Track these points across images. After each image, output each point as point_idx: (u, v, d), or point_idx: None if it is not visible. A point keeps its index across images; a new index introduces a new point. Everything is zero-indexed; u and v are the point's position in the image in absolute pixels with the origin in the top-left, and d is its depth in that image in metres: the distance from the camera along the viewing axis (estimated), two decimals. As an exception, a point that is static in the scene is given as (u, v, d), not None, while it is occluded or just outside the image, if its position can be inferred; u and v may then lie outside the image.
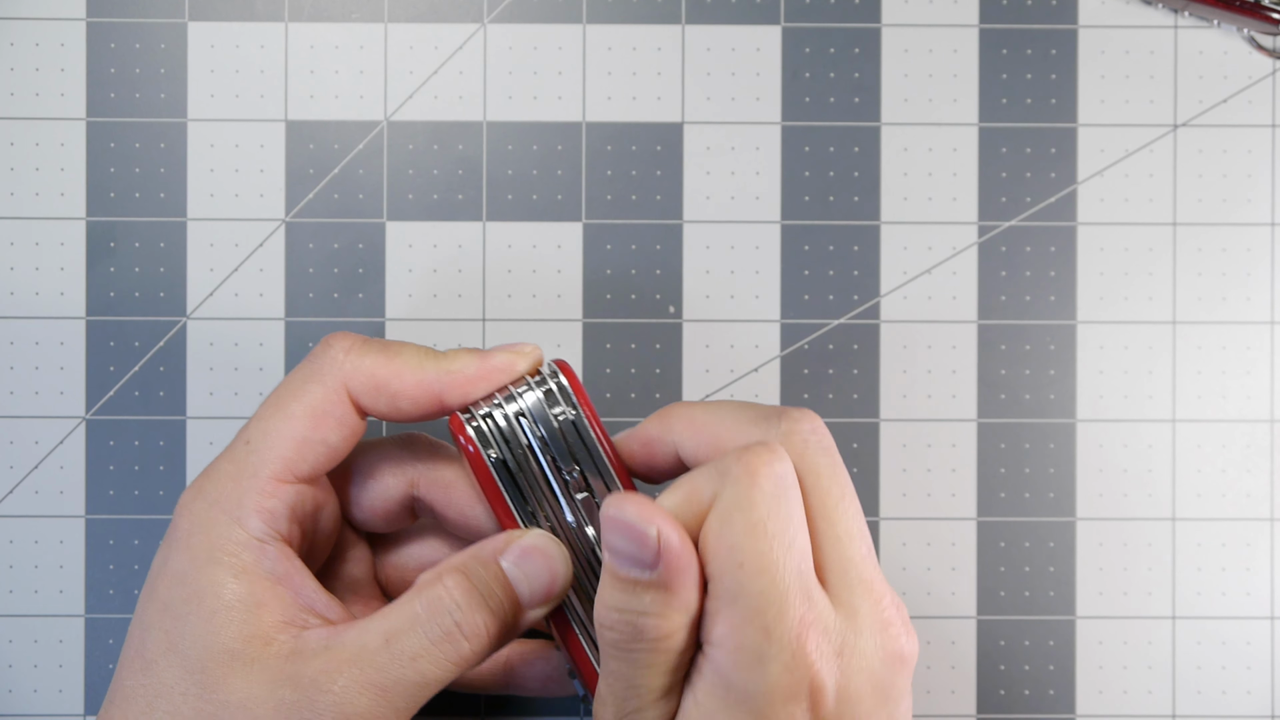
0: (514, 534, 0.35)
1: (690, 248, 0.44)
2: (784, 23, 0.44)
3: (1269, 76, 0.45)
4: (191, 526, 0.35)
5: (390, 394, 0.35)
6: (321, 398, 0.35)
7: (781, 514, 0.32)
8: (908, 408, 0.44)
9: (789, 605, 0.31)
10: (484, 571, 0.34)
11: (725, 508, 0.32)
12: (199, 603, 0.34)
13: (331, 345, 0.36)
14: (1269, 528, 0.44)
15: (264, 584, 0.34)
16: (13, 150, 0.44)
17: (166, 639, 0.34)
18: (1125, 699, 0.44)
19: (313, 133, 0.44)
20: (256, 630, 0.34)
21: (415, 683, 0.33)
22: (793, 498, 0.32)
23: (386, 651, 0.33)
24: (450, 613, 0.33)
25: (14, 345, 0.44)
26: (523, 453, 0.35)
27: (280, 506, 0.35)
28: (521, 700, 0.44)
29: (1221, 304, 0.44)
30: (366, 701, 0.33)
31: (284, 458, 0.35)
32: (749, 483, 0.32)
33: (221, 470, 0.35)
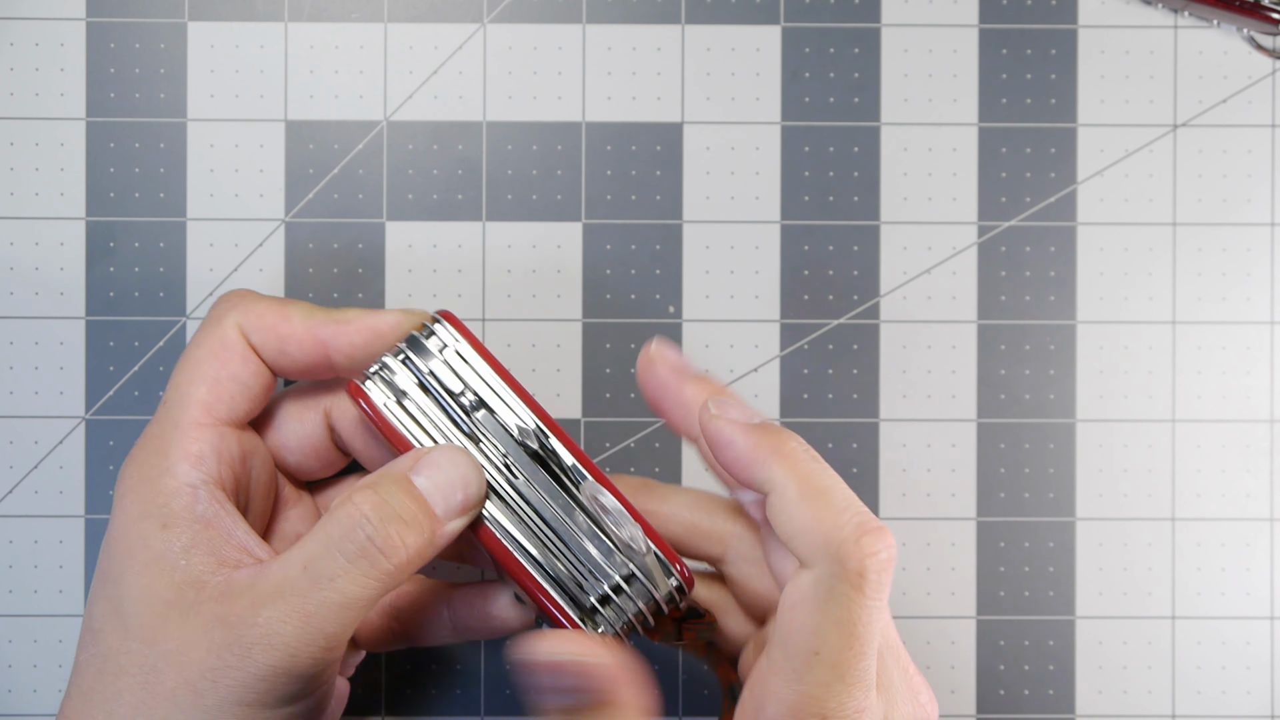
0: (421, 450, 0.34)
1: (690, 248, 0.44)
2: (784, 23, 0.44)
3: (1269, 76, 0.45)
4: (125, 489, 0.35)
5: (279, 337, 0.36)
6: (219, 338, 0.36)
7: (876, 619, 0.32)
8: (908, 408, 0.44)
9: (850, 698, 0.32)
10: (394, 486, 0.34)
11: (830, 589, 0.32)
12: (131, 558, 0.34)
13: (224, 297, 0.37)
14: (1269, 528, 0.44)
15: (193, 529, 0.34)
16: (13, 150, 0.44)
17: (106, 604, 0.34)
18: (1125, 699, 0.44)
19: (312, 133, 0.44)
20: (188, 576, 0.34)
21: (338, 604, 0.33)
22: (885, 595, 0.33)
23: (305, 577, 0.33)
24: (362, 527, 0.33)
25: (14, 345, 0.44)
26: (414, 390, 0.35)
27: (205, 449, 0.35)
28: (521, 700, 0.44)
29: (1221, 304, 0.44)
30: (292, 629, 0.32)
31: (199, 400, 0.35)
32: (858, 582, 0.32)
33: (147, 435, 0.36)
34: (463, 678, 0.44)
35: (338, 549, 0.33)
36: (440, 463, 0.34)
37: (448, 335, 0.36)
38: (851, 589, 0.32)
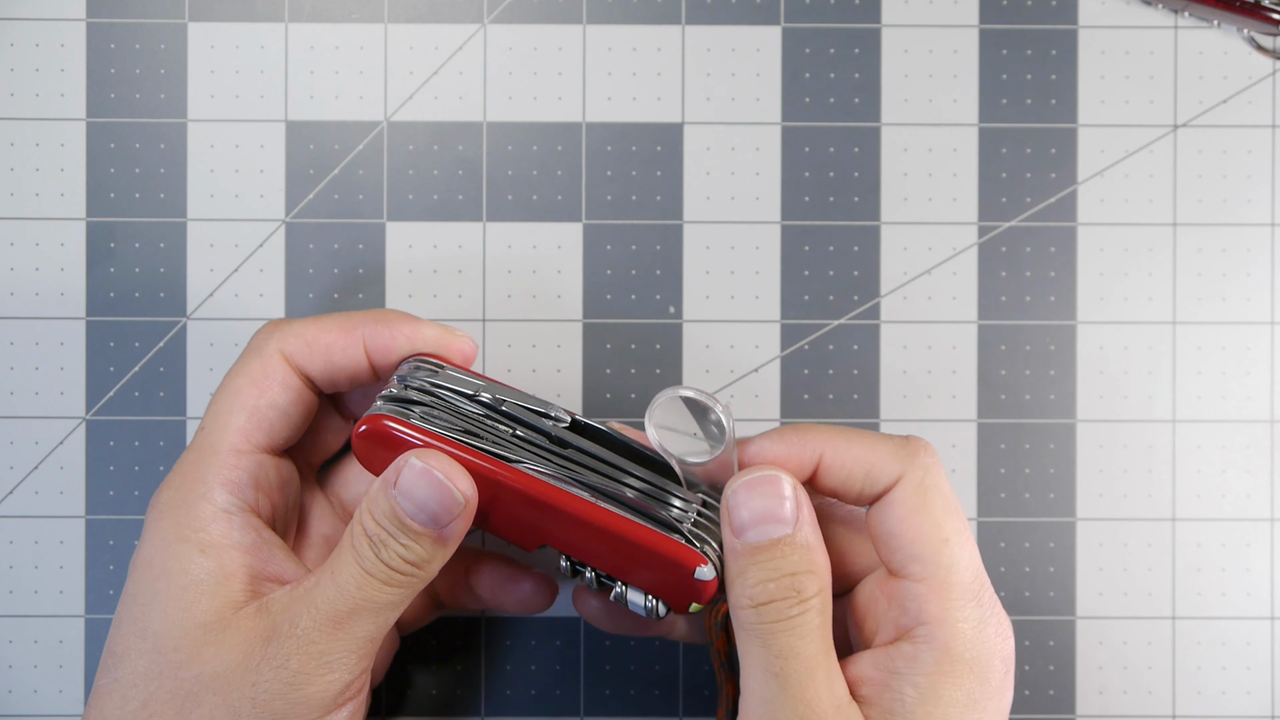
0: (401, 460, 0.34)
1: (690, 248, 0.44)
2: (784, 23, 0.44)
3: (1269, 77, 0.45)
4: (160, 513, 0.35)
5: (324, 347, 0.36)
6: (260, 366, 0.36)
7: (956, 502, 0.35)
8: (908, 408, 0.44)
9: (985, 577, 0.34)
10: (384, 502, 0.34)
11: (920, 485, 0.34)
12: (168, 582, 0.34)
13: (263, 326, 0.37)
14: (1269, 528, 0.44)
15: (231, 555, 0.35)
16: (13, 150, 0.44)
17: (135, 627, 0.34)
18: (1125, 699, 0.44)
19: (313, 133, 0.44)
20: (226, 600, 0.34)
21: (368, 610, 0.34)
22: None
23: (334, 586, 0.34)
24: (371, 541, 0.34)
25: (14, 345, 0.44)
26: (426, 400, 0.35)
27: (243, 476, 0.35)
28: (521, 700, 0.44)
29: (1221, 304, 0.44)
30: (327, 635, 0.33)
31: (239, 429, 0.36)
32: (938, 470, 0.34)
33: (184, 460, 0.36)
34: (463, 678, 0.44)
35: (356, 560, 0.34)
36: (418, 479, 0.34)
37: (431, 364, 0.36)
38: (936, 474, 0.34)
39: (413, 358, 0.37)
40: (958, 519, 0.34)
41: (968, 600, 0.33)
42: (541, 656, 0.44)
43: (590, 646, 0.44)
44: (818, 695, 0.32)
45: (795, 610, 0.33)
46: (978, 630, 0.33)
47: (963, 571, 0.34)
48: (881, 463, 0.34)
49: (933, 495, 0.34)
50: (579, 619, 0.44)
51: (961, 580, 0.33)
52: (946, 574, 0.33)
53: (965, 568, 0.34)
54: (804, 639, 0.33)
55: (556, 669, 0.44)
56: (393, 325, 0.37)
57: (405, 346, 0.37)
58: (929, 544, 0.34)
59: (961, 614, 0.33)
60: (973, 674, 0.33)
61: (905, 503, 0.34)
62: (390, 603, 0.34)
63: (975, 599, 0.34)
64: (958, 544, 0.34)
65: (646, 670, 0.44)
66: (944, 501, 0.34)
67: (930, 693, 0.33)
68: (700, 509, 0.35)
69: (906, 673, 0.33)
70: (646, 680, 0.44)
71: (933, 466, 0.34)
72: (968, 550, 0.34)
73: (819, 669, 0.33)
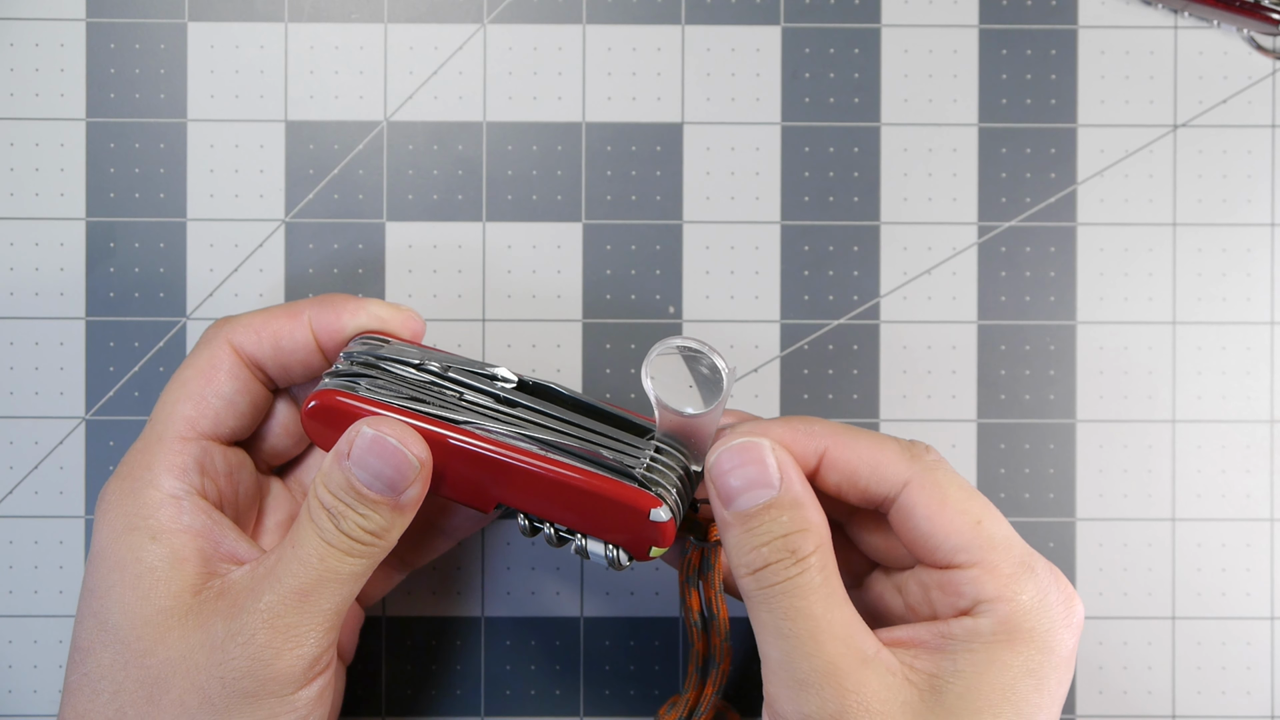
0: (353, 430, 0.34)
1: (690, 248, 0.44)
2: (784, 23, 0.44)
3: (1269, 77, 0.45)
4: (107, 507, 0.35)
5: (271, 334, 0.37)
6: (207, 356, 0.37)
7: (973, 488, 0.35)
8: (908, 408, 0.44)
9: (1032, 550, 0.34)
10: (338, 474, 0.34)
11: (934, 482, 0.34)
12: (122, 572, 0.34)
13: (215, 322, 0.38)
14: (1269, 528, 0.44)
15: (183, 538, 0.35)
16: (13, 150, 0.44)
17: (95, 621, 0.34)
18: (1125, 699, 0.44)
19: (312, 133, 0.44)
20: (183, 584, 0.34)
21: (331, 581, 0.34)
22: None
23: (296, 560, 0.34)
24: (329, 513, 0.34)
25: (14, 345, 0.44)
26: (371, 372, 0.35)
27: (189, 461, 0.35)
28: (521, 700, 0.44)
29: (1221, 304, 0.44)
30: (292, 608, 0.33)
31: (184, 416, 0.36)
32: (946, 465, 0.35)
33: (130, 452, 0.36)
34: (463, 678, 0.44)
35: (316, 532, 0.34)
36: (370, 448, 0.34)
37: (376, 340, 0.36)
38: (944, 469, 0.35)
39: (360, 336, 0.37)
40: (981, 501, 0.34)
41: (1022, 573, 0.33)
42: (541, 656, 0.44)
43: (590, 646, 0.44)
44: (835, 649, 0.32)
45: (794, 570, 0.32)
46: (1039, 601, 0.33)
47: (1009, 545, 0.33)
48: (889, 462, 0.34)
49: (948, 487, 0.34)
50: (579, 619, 0.44)
51: (1010, 554, 0.33)
52: (992, 552, 0.33)
53: (1009, 541, 0.34)
54: (807, 597, 0.32)
55: (556, 669, 0.44)
56: (337, 306, 0.37)
57: (350, 325, 0.37)
58: (964, 531, 0.33)
59: (1019, 586, 0.33)
60: (1033, 643, 0.33)
61: (925, 502, 0.34)
62: (353, 573, 0.34)
63: (1029, 570, 0.33)
64: (991, 521, 0.34)
65: (646, 670, 0.44)
66: (962, 489, 0.34)
67: (986, 658, 0.32)
68: (653, 455, 0.35)
69: (963, 639, 0.33)
70: (646, 680, 0.44)
71: (939, 462, 0.34)
72: (1004, 526, 0.34)
73: (829, 623, 0.32)
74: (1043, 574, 0.33)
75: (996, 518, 0.34)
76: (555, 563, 0.44)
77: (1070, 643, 0.33)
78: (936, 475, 0.34)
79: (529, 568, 0.44)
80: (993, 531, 0.33)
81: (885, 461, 0.34)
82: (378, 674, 0.44)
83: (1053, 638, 0.33)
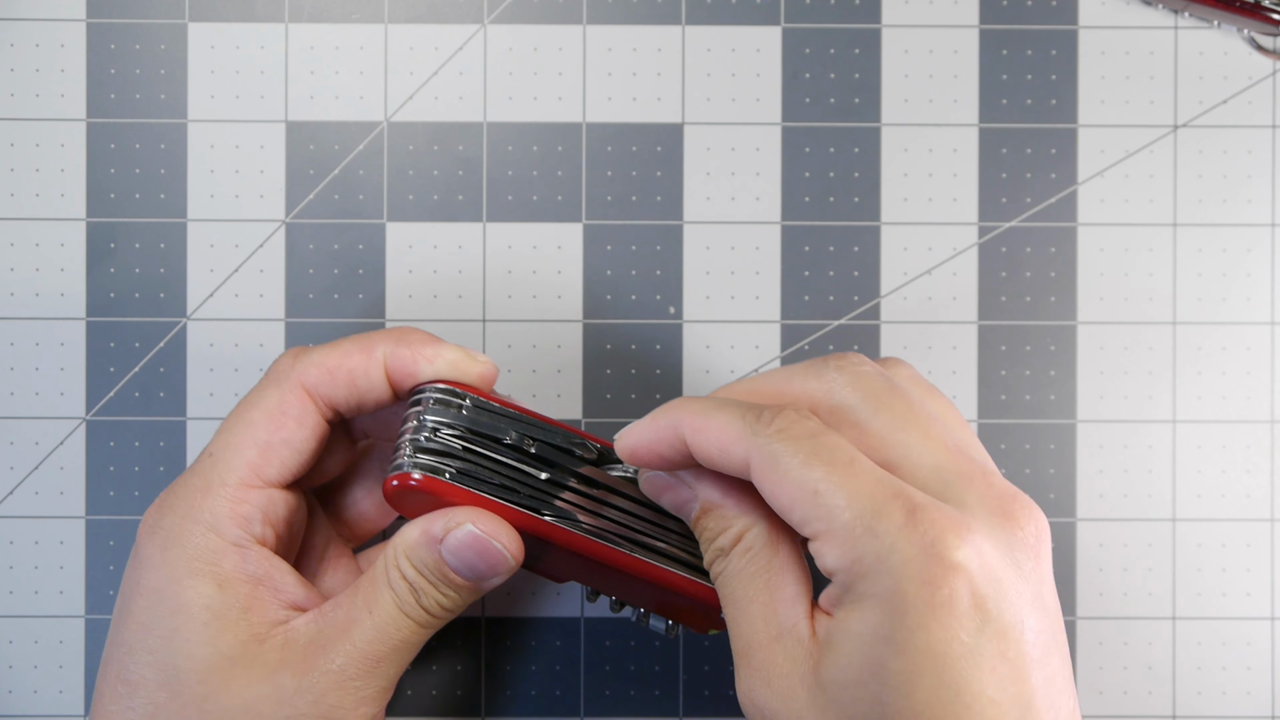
0: (452, 519, 0.34)
1: (690, 248, 0.44)
2: (784, 23, 0.44)
3: (1269, 77, 0.45)
4: (165, 541, 0.35)
5: (345, 374, 0.36)
6: (278, 400, 0.36)
7: (831, 439, 0.32)
8: (908, 408, 0.44)
9: (886, 500, 0.31)
10: (428, 555, 0.35)
11: (770, 456, 0.32)
12: (186, 616, 0.34)
13: (283, 355, 0.37)
14: (1269, 528, 0.44)
15: (247, 588, 0.35)
16: (13, 151, 0.44)
17: (151, 658, 0.34)
18: (1125, 699, 0.44)
19: (313, 133, 0.44)
20: (250, 632, 0.34)
21: (401, 649, 0.35)
22: (830, 440, 0.32)
23: (373, 627, 0.34)
24: (412, 587, 0.35)
25: (14, 346, 0.44)
26: (461, 450, 0.35)
27: (253, 511, 0.35)
28: (521, 700, 0.44)
29: (1221, 304, 0.44)
30: (363, 671, 0.34)
31: (249, 463, 0.35)
32: (784, 436, 0.32)
33: (188, 485, 0.36)
34: (463, 678, 0.44)
35: (395, 602, 0.35)
36: (466, 543, 0.34)
37: (453, 396, 0.36)
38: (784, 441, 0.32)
39: (430, 384, 0.36)
40: (820, 464, 0.31)
41: (859, 537, 0.30)
42: (541, 656, 0.44)
43: (590, 646, 0.44)
44: (752, 628, 0.33)
45: (722, 565, 0.34)
46: (879, 560, 0.30)
47: (842, 511, 0.31)
48: (732, 441, 0.33)
49: (783, 461, 0.32)
50: (579, 619, 0.44)
51: (843, 522, 0.31)
52: (826, 523, 0.31)
53: (843, 505, 0.31)
54: (733, 582, 0.33)
55: (556, 669, 0.44)
56: (414, 347, 0.36)
57: (427, 370, 0.36)
58: (803, 504, 0.31)
59: (856, 553, 0.31)
60: (879, 607, 0.30)
61: (766, 480, 0.32)
62: (419, 642, 0.35)
63: (868, 531, 0.30)
64: (829, 486, 0.31)
65: (646, 670, 0.44)
66: (798, 459, 0.31)
67: (841, 629, 0.31)
68: None
69: (828, 609, 0.32)
70: (646, 680, 0.44)
71: (780, 432, 0.32)
72: (844, 487, 0.31)
73: (752, 604, 0.33)
74: (887, 528, 0.30)
75: (838, 479, 0.31)
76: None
77: (921, 593, 0.30)
78: (772, 447, 0.32)
79: (529, 568, 0.44)
80: (830, 500, 0.31)
81: (729, 441, 0.33)
82: (378, 674, 0.44)
83: (901, 597, 0.30)
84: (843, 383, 0.33)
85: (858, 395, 0.33)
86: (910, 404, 0.33)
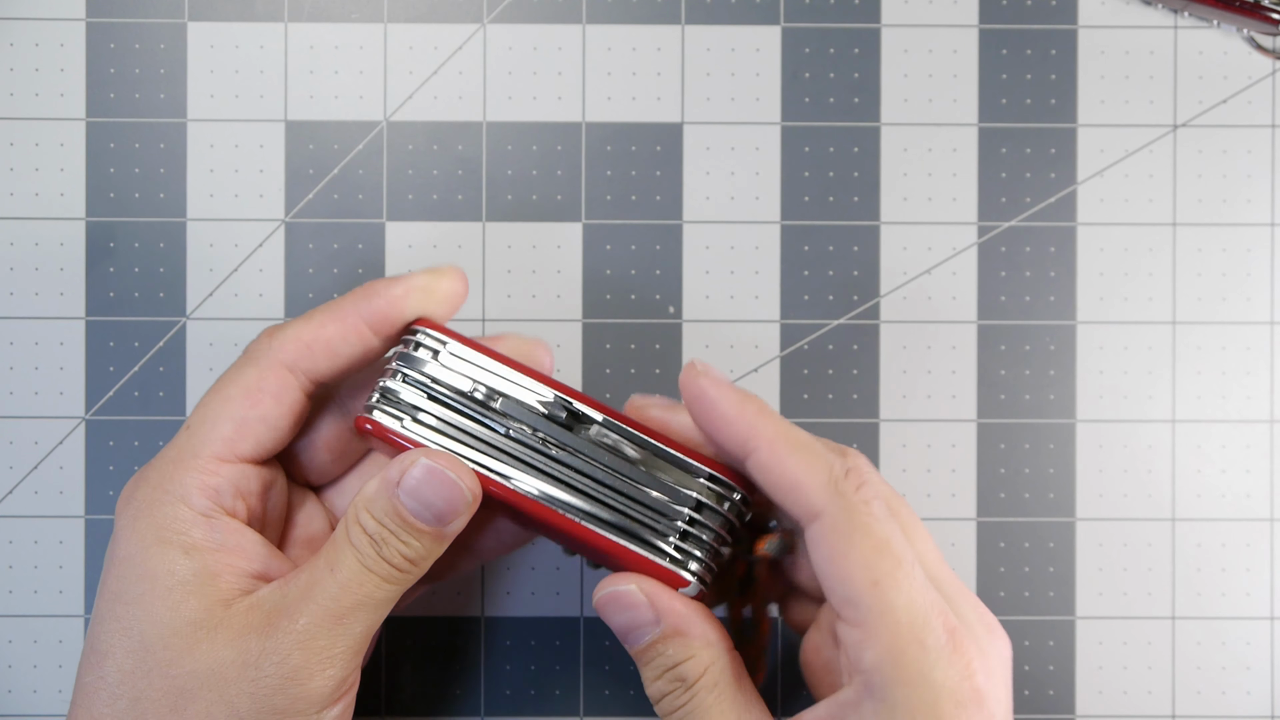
0: (406, 460, 0.34)
1: (690, 248, 0.44)
2: (784, 23, 0.44)
3: (1269, 77, 0.45)
4: (137, 512, 0.35)
5: (324, 345, 0.36)
6: (256, 376, 0.36)
7: (899, 533, 0.33)
8: (907, 408, 0.44)
9: (934, 612, 0.32)
10: (384, 501, 0.34)
11: (847, 524, 0.32)
12: (153, 582, 0.34)
13: (260, 334, 0.37)
14: (1269, 528, 0.44)
15: (215, 556, 0.34)
16: (12, 150, 0.44)
17: (119, 625, 0.34)
18: (1125, 699, 0.44)
19: (312, 133, 0.44)
20: (215, 598, 0.34)
21: (367, 606, 0.34)
22: (895, 527, 0.33)
23: (335, 583, 0.34)
24: (372, 539, 0.34)
25: (14, 345, 0.44)
26: (425, 403, 0.35)
27: (224, 484, 0.35)
28: (521, 700, 0.44)
29: (1221, 304, 0.44)
30: (326, 630, 0.33)
31: (224, 437, 0.35)
32: (865, 507, 0.33)
33: (163, 458, 0.36)
34: (463, 678, 0.44)
35: (356, 557, 0.34)
36: (424, 480, 0.34)
37: (433, 340, 0.36)
38: (863, 511, 0.33)
39: (413, 326, 0.36)
40: (888, 557, 0.32)
41: (907, 644, 0.32)
42: (541, 656, 0.44)
43: (590, 646, 0.44)
44: None
45: (684, 698, 0.34)
46: (921, 675, 0.31)
47: (898, 613, 0.32)
48: (810, 489, 0.33)
49: (858, 535, 0.32)
50: (579, 619, 0.44)
51: (895, 624, 0.32)
52: (878, 619, 0.32)
53: (901, 608, 0.32)
54: (700, 717, 0.34)
55: (556, 669, 0.44)
56: (380, 294, 0.36)
57: (408, 309, 0.36)
58: (857, 586, 0.32)
59: (901, 660, 0.32)
60: (910, 717, 0.31)
61: (829, 544, 0.33)
62: (386, 599, 0.34)
63: (917, 642, 0.32)
64: (890, 585, 0.32)
65: (646, 670, 0.44)
66: (871, 540, 0.32)
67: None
68: (692, 514, 0.35)
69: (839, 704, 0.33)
70: (646, 680, 0.44)
71: (863, 503, 0.33)
72: (905, 589, 0.32)
73: None
74: (933, 646, 0.32)
75: (899, 579, 0.32)
76: (555, 562, 0.44)
77: (952, 713, 0.31)
78: (852, 517, 0.32)
79: (529, 568, 0.44)
80: (888, 597, 0.32)
81: (806, 487, 0.33)
82: (378, 674, 0.44)
83: (936, 713, 0.31)
84: (870, 471, 0.34)
85: (886, 489, 0.34)
86: (911, 509, 0.35)
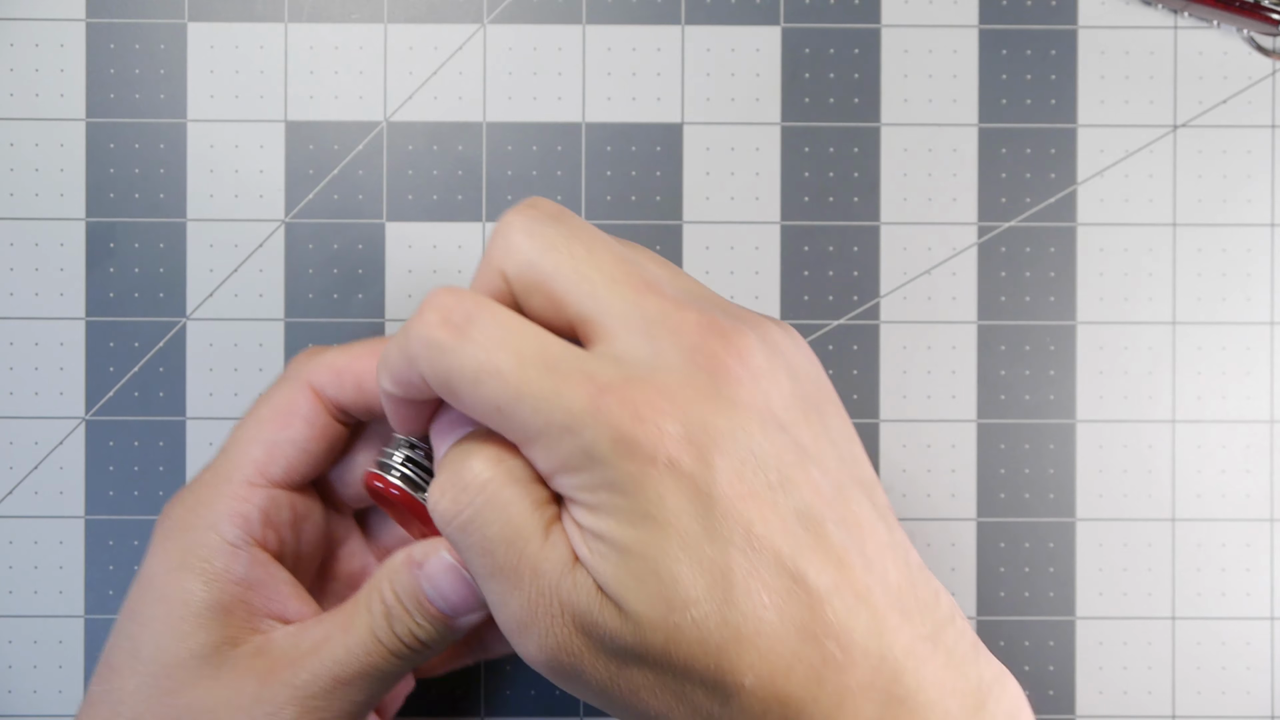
0: (430, 546, 0.34)
1: (690, 248, 0.44)
2: (784, 23, 0.44)
3: (1269, 77, 0.45)
4: (167, 532, 0.35)
5: (352, 376, 0.35)
6: (287, 398, 0.36)
7: (474, 333, 0.29)
8: (907, 408, 0.44)
9: (530, 376, 0.28)
10: (407, 579, 0.34)
11: (407, 351, 0.30)
12: (165, 607, 0.34)
13: (298, 356, 0.37)
14: (1269, 528, 0.44)
15: (233, 589, 0.34)
16: (12, 150, 0.44)
17: (129, 644, 0.34)
18: (1125, 699, 0.44)
19: (312, 133, 0.44)
20: (223, 635, 0.34)
21: (370, 676, 0.34)
22: (484, 315, 0.29)
23: (344, 647, 0.33)
24: (390, 615, 0.34)
25: (14, 346, 0.44)
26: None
27: (253, 511, 0.35)
28: (521, 700, 0.44)
29: (1221, 304, 0.44)
30: (326, 694, 0.33)
31: (255, 460, 0.35)
32: (413, 325, 0.30)
33: (201, 480, 0.36)
34: (463, 678, 0.44)
35: (371, 628, 0.34)
36: (446, 571, 0.33)
37: None
38: (407, 330, 0.30)
39: None
40: (459, 356, 0.29)
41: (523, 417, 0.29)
42: (541, 657, 0.44)
43: (590, 647, 0.44)
44: None
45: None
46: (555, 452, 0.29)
47: (490, 403, 0.29)
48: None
49: (433, 356, 0.29)
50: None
51: (506, 413, 0.29)
52: (499, 421, 0.29)
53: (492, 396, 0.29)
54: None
55: (556, 669, 0.44)
56: None
57: None
58: (466, 391, 0.30)
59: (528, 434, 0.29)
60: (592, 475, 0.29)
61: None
62: (390, 673, 0.34)
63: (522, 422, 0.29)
64: (474, 381, 0.29)
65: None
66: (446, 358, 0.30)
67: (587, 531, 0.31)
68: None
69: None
70: (646, 680, 0.44)
71: (403, 332, 0.30)
72: (490, 378, 0.29)
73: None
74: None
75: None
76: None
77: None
78: None
79: (529, 568, 0.44)
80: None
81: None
82: (377, 674, 0.44)
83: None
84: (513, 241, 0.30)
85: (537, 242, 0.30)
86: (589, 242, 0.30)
